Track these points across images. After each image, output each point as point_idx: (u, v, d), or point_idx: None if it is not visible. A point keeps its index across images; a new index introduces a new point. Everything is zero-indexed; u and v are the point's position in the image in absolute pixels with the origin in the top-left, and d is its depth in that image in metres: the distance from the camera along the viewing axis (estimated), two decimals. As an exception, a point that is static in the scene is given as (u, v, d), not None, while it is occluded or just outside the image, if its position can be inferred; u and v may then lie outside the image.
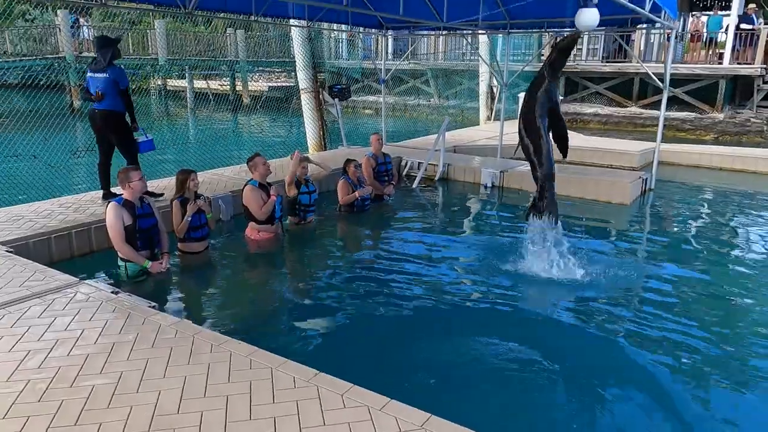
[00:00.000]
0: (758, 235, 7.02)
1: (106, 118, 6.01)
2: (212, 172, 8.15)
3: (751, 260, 6.03)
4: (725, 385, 3.70)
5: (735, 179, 10.19)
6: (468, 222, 7.30)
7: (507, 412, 3.36)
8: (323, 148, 11.21)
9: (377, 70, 12.68)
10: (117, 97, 5.95)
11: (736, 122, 17.05)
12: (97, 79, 5.95)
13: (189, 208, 5.10)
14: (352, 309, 4.69)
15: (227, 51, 23.13)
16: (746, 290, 5.19)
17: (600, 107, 19.15)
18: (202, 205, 5.21)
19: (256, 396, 2.82)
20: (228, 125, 16.44)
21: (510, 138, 11.46)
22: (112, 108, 5.97)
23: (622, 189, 8.14)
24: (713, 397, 3.57)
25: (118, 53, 6.13)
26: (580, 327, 4.40)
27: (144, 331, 3.46)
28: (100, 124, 6.06)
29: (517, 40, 19.23)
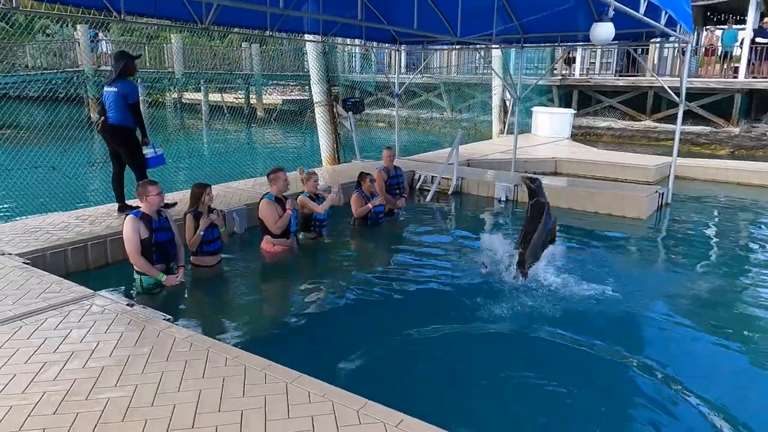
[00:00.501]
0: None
1: (113, 132, 6.06)
2: (226, 185, 8.19)
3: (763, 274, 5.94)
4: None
5: (752, 194, 10.05)
6: (482, 236, 7.24)
7: (523, 428, 3.31)
8: (337, 161, 11.25)
9: (390, 83, 12.74)
10: (126, 111, 5.98)
11: (752, 136, 16.86)
12: (108, 92, 6.02)
13: (202, 222, 5.12)
14: (367, 323, 4.67)
15: (242, 65, 23.41)
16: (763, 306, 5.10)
17: (613, 121, 19.06)
18: (215, 219, 5.23)
19: (271, 411, 2.80)
20: (242, 138, 16.57)
21: (523, 152, 11.49)
22: (119, 122, 6.01)
23: (637, 203, 8.05)
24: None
25: (133, 68, 6.15)
26: (592, 344, 4.33)
27: (159, 343, 3.46)
28: (108, 137, 6.14)
29: (530, 53, 19.27)
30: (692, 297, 5.32)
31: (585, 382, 3.81)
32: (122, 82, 5.97)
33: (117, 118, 5.99)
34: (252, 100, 24.00)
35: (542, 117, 16.29)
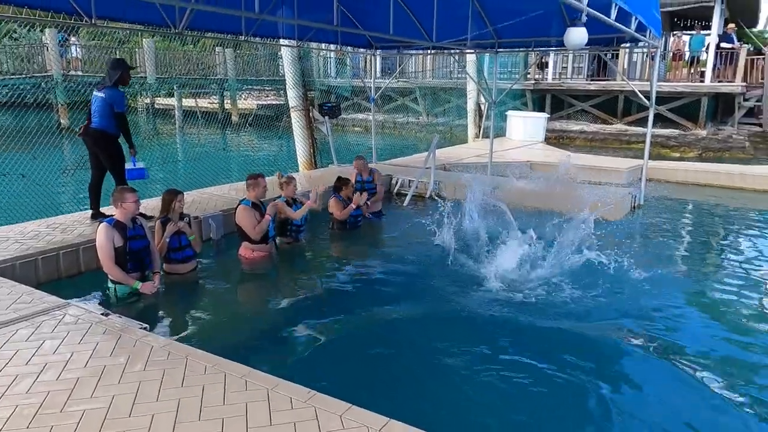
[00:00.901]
0: (743, 249, 7.13)
1: (96, 137, 6.02)
2: (201, 190, 8.10)
3: (738, 273, 6.11)
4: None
5: (720, 195, 10.34)
6: (457, 239, 7.27)
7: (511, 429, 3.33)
8: (314, 166, 11.21)
9: (366, 88, 12.76)
10: (110, 118, 5.96)
11: (719, 139, 17.34)
12: (96, 97, 6.01)
13: (168, 228, 5.04)
14: (347, 327, 4.65)
15: (216, 69, 23.17)
16: (733, 302, 5.24)
17: (586, 124, 19.40)
18: (182, 227, 5.13)
19: (253, 418, 2.77)
20: (217, 143, 16.39)
21: (498, 156, 11.61)
22: (103, 128, 5.98)
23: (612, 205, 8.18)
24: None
25: (128, 78, 6.18)
26: (573, 343, 4.39)
27: (135, 353, 3.39)
28: (90, 142, 6.08)
29: (504, 58, 19.50)
30: (664, 294, 5.45)
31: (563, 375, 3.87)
32: (111, 90, 5.97)
33: (100, 123, 5.96)
34: (227, 105, 23.77)
35: (516, 121, 16.50)
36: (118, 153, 6.15)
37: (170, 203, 5.14)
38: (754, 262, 6.65)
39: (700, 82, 17.78)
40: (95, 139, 6.02)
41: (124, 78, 6.08)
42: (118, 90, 6.05)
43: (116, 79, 5.99)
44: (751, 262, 6.62)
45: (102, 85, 6.03)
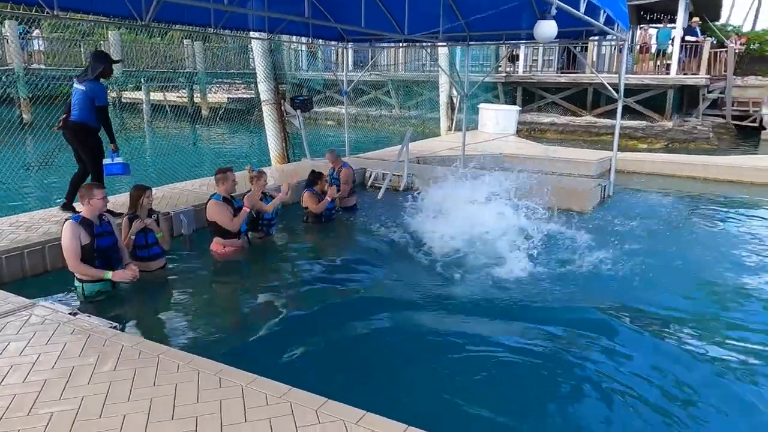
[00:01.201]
0: (710, 236, 7.36)
1: (75, 130, 5.92)
2: (172, 186, 7.95)
3: (706, 260, 6.30)
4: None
5: (686, 185, 10.62)
6: (431, 229, 7.30)
7: (487, 420, 3.36)
8: (286, 160, 11.11)
9: (339, 81, 12.69)
10: (90, 111, 5.85)
11: (684, 130, 17.77)
12: (76, 90, 5.89)
13: (134, 225, 4.94)
14: (321, 321, 4.63)
15: (184, 63, 22.73)
16: (703, 289, 5.42)
17: (556, 116, 19.67)
18: (149, 224, 5.02)
19: (227, 415, 2.74)
20: (187, 138, 16.13)
21: (471, 148, 11.68)
22: (82, 120, 5.87)
23: (581, 197, 8.33)
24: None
25: (110, 72, 6.05)
26: (549, 333, 4.47)
27: (105, 353, 3.32)
28: (69, 135, 5.98)
29: (476, 51, 19.60)
30: (631, 281, 5.58)
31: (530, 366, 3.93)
32: (92, 83, 5.84)
33: (80, 116, 5.84)
34: (196, 98, 23.37)
35: (489, 114, 16.61)
36: (98, 147, 6.03)
37: (138, 199, 5.03)
38: (716, 242, 6.98)
39: (666, 74, 18.17)
40: (74, 132, 5.92)
41: (106, 71, 5.97)
42: (99, 83, 5.93)
43: (99, 73, 5.87)
44: (712, 242, 6.91)
45: (83, 78, 5.88)
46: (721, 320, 4.78)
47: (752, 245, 6.87)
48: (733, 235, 7.37)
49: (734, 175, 10.80)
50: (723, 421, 3.42)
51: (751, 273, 5.89)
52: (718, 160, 11.77)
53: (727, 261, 6.23)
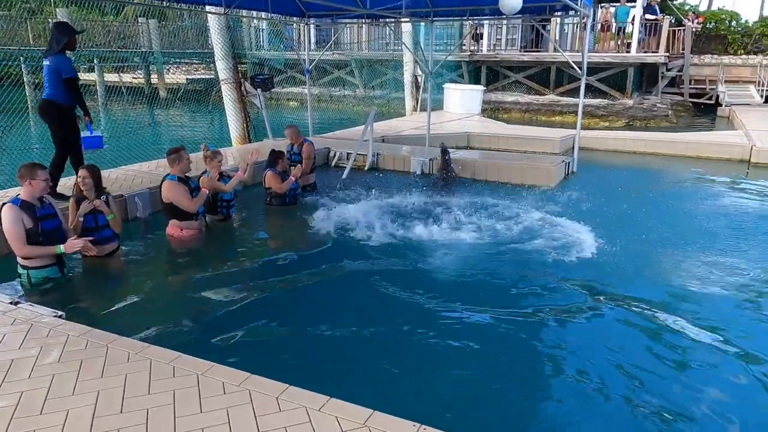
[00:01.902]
0: (668, 208, 7.53)
1: (45, 108, 5.74)
2: (126, 168, 7.61)
3: (663, 230, 6.43)
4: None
5: (646, 161, 10.81)
6: (397, 209, 7.21)
7: (449, 400, 3.29)
8: (248, 140, 10.80)
9: (301, 60, 12.35)
10: (58, 86, 5.66)
11: (644, 108, 18.05)
12: (44, 66, 5.70)
13: (82, 207, 4.65)
14: (282, 305, 4.48)
15: (140, 41, 21.85)
16: (660, 256, 5.50)
17: (520, 95, 19.70)
18: (99, 205, 4.74)
19: (181, 406, 2.59)
20: (144, 120, 15.53)
21: (436, 128, 11.59)
22: (51, 98, 5.69)
23: (546, 173, 8.35)
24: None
25: (74, 43, 5.83)
26: (512, 307, 4.43)
27: (49, 344, 3.10)
28: (41, 114, 5.79)
29: (440, 29, 19.42)
30: (594, 249, 5.69)
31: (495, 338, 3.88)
32: (57, 57, 5.63)
33: (49, 93, 5.69)
34: (153, 79, 22.54)
35: (453, 94, 16.52)
36: (69, 126, 5.82)
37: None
38: (674, 213, 7.17)
39: (627, 52, 18.36)
40: (44, 110, 5.75)
41: (72, 43, 5.76)
42: (64, 56, 5.70)
43: (64, 45, 5.64)
44: (669, 215, 7.06)
45: (49, 53, 5.67)
46: (678, 293, 4.81)
47: (708, 218, 6.98)
48: (690, 208, 7.51)
49: (692, 150, 11.02)
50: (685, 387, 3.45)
51: (706, 243, 6.00)
52: (676, 137, 12.01)
53: (683, 231, 6.36)
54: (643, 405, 3.25)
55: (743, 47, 21.48)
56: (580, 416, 3.22)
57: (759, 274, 5.14)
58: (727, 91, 18.30)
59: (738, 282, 4.98)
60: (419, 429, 2.43)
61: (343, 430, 2.44)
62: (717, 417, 3.19)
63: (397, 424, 2.47)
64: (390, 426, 2.46)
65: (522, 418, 3.24)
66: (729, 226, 6.64)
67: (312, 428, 2.44)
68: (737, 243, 6.05)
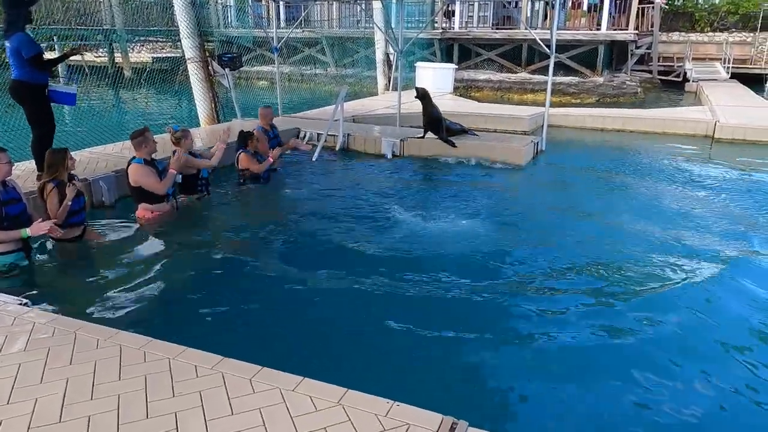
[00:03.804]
0: (633, 183, 7.74)
1: (14, 90, 5.58)
2: (90, 150, 7.41)
3: (630, 205, 6.64)
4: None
5: (614, 138, 10.99)
6: (369, 191, 7.21)
7: (421, 378, 3.34)
8: (216, 121, 10.59)
9: (269, 38, 12.11)
10: (25, 66, 5.43)
11: (614, 85, 18.27)
12: (6, 47, 5.47)
13: (68, 191, 4.53)
14: (255, 286, 4.47)
15: (102, 18, 21.11)
16: (626, 233, 5.65)
17: (492, 73, 19.73)
18: (80, 186, 4.67)
19: (153, 391, 2.57)
20: (109, 100, 15.09)
21: (408, 107, 11.54)
22: (19, 78, 5.51)
23: (516, 152, 8.42)
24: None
25: (28, 17, 5.57)
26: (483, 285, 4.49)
27: (14, 333, 3.04)
28: (12, 95, 5.63)
29: (411, 6, 19.23)
30: (562, 226, 5.87)
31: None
32: (14, 36, 5.38)
33: (17, 74, 5.51)
34: (117, 58, 21.86)
35: (425, 72, 16.44)
36: (39, 104, 5.62)
37: (63, 162, 4.60)
38: (642, 188, 7.36)
39: (597, 30, 18.49)
40: (14, 91, 5.60)
41: (28, 17, 5.55)
42: (22, 33, 5.44)
43: (23, 22, 5.43)
44: (635, 191, 7.24)
45: (8, 33, 5.42)
46: (630, 265, 4.94)
47: (670, 194, 7.16)
48: (653, 184, 7.69)
49: (658, 127, 11.24)
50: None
51: (665, 219, 6.15)
52: (643, 113, 12.22)
53: (646, 208, 6.52)
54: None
55: (710, 24, 21.85)
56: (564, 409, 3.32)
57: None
58: (694, 68, 18.65)
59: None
60: (392, 406, 2.46)
61: (317, 409, 2.46)
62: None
63: (371, 401, 2.50)
64: (364, 404, 2.49)
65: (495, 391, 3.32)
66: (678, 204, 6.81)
67: (287, 408, 2.46)
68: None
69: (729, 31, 20.76)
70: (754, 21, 20.60)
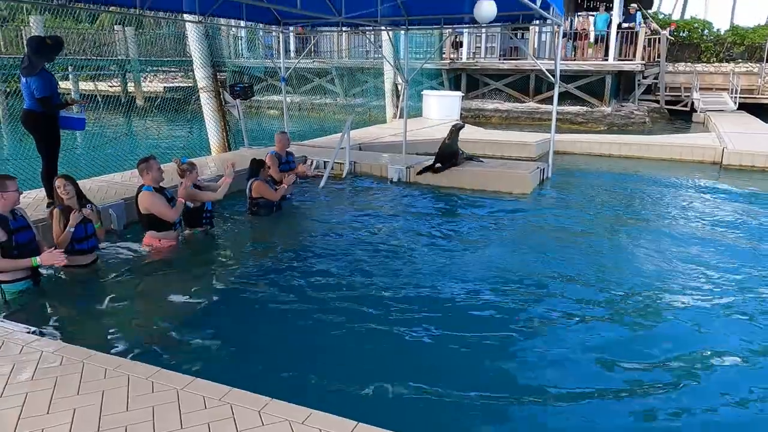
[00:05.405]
0: (641, 210, 7.76)
1: (24, 118, 5.87)
2: (100, 178, 7.50)
3: (638, 232, 6.63)
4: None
5: (622, 164, 11.02)
6: (376, 217, 7.21)
7: (430, 414, 3.28)
8: (227, 149, 10.71)
9: (277, 68, 12.31)
10: (34, 99, 5.70)
11: (622, 114, 18.36)
12: (21, 79, 5.75)
13: (72, 217, 4.56)
14: (264, 317, 4.43)
15: (116, 49, 21.59)
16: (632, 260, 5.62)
17: (500, 103, 19.91)
18: (88, 214, 4.68)
19: (161, 423, 2.53)
20: (120, 128, 15.32)
21: (414, 134, 11.64)
22: (29, 108, 5.76)
23: (522, 181, 8.41)
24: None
25: (50, 61, 5.91)
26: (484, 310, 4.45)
27: (22, 361, 3.02)
28: (23, 124, 5.87)
29: (420, 38, 19.54)
30: (571, 256, 5.77)
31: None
32: (32, 77, 5.63)
33: (29, 105, 5.78)
34: (130, 88, 22.27)
35: (432, 100, 16.64)
36: (50, 135, 5.85)
37: (56, 189, 4.67)
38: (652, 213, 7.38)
39: (605, 60, 18.66)
40: (24, 120, 5.85)
41: (50, 61, 5.89)
42: (40, 74, 5.65)
43: (42, 64, 5.68)
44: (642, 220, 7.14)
45: (25, 71, 5.66)
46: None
47: (678, 222, 7.12)
48: (660, 211, 7.67)
49: (666, 153, 11.23)
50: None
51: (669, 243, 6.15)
52: (650, 140, 12.29)
53: (653, 236, 6.50)
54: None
55: (716, 55, 21.99)
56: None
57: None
58: (702, 98, 18.71)
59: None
60: (403, 440, 2.41)
61: (326, 443, 2.41)
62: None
63: (382, 435, 2.45)
64: (374, 438, 2.44)
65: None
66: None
67: (295, 442, 2.41)
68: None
69: (735, 62, 20.88)
70: (760, 52, 20.72)
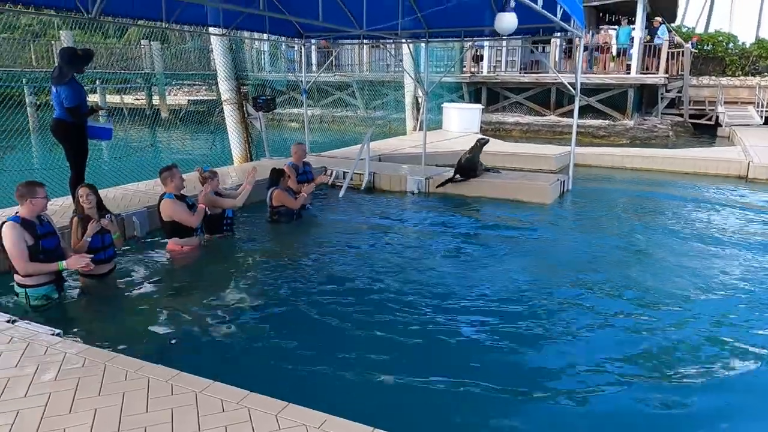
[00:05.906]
0: (665, 222, 7.66)
1: (54, 128, 5.92)
2: (123, 187, 7.65)
3: (660, 244, 6.56)
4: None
5: (644, 177, 10.88)
6: (394, 227, 7.23)
7: (442, 417, 3.25)
8: (249, 159, 10.85)
9: (298, 81, 12.48)
10: (65, 108, 5.84)
11: (645, 128, 18.16)
12: (52, 89, 5.89)
13: (90, 227, 4.64)
14: (283, 322, 4.45)
15: (142, 63, 22.10)
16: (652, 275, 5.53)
17: (521, 116, 19.84)
18: (106, 224, 4.74)
19: (179, 425, 2.56)
20: (145, 140, 15.63)
21: (434, 146, 11.65)
22: (59, 117, 5.87)
23: (542, 191, 8.37)
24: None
25: (80, 71, 6.03)
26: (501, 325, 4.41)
27: (46, 362, 3.08)
28: (52, 132, 5.99)
29: (440, 51, 19.64)
30: (591, 267, 5.78)
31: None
32: (62, 85, 5.77)
33: (58, 114, 5.89)
34: (155, 100, 22.74)
35: (452, 112, 16.66)
36: (77, 142, 5.97)
37: (79, 197, 4.75)
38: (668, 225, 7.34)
39: (627, 74, 18.52)
40: (54, 129, 5.92)
41: (80, 71, 6.00)
42: (69, 84, 5.79)
43: (72, 74, 5.81)
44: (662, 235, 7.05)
45: (55, 80, 5.81)
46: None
47: (698, 235, 6.99)
48: (683, 224, 7.56)
49: (689, 167, 11.06)
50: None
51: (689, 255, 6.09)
52: (673, 153, 12.13)
53: (672, 251, 6.39)
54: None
55: (741, 68, 21.68)
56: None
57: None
58: (727, 112, 18.42)
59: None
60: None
61: (342, 448, 2.41)
62: None
63: (397, 442, 2.44)
64: (390, 444, 2.43)
65: None
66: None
67: (311, 446, 2.41)
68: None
69: (761, 75, 20.54)
70: (786, 65, 20.42)
